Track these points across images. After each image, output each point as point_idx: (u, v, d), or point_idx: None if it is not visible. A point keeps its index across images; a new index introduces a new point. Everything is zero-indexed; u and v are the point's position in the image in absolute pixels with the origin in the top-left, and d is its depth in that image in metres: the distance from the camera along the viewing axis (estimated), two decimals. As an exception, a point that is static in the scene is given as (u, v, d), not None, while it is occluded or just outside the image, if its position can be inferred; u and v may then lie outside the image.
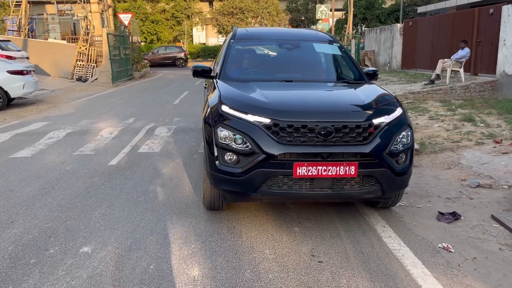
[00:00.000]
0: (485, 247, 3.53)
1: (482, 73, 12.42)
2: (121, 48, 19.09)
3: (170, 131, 7.94)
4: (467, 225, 3.98)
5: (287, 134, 3.38)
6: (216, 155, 3.56)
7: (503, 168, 5.57)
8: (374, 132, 3.48)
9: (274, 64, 4.88)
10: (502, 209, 4.34)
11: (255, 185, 3.43)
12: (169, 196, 4.55)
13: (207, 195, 3.90)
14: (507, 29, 11.07)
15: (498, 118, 8.51)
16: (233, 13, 35.43)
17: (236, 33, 5.08)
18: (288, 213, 4.10)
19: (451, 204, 4.49)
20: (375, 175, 3.46)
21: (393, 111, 3.69)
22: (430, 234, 3.75)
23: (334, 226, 3.83)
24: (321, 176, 3.37)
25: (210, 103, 3.94)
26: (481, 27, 12.43)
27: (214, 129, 3.58)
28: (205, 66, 4.71)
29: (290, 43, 4.97)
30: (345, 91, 4.08)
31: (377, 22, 36.18)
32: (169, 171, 5.45)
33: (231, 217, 3.98)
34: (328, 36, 5.24)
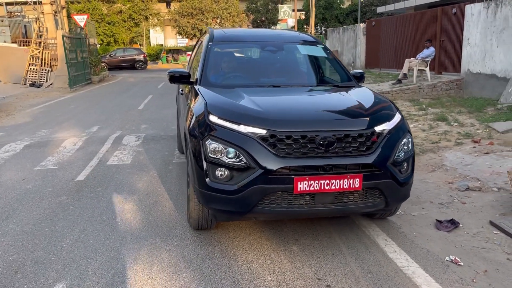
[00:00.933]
0: (492, 258, 3.36)
1: (446, 72, 12.62)
2: (78, 51, 18.16)
3: (139, 139, 7.44)
4: (468, 233, 3.81)
5: (285, 146, 3.07)
6: (206, 171, 3.19)
7: (487, 169, 5.50)
8: (377, 141, 3.23)
9: (258, 67, 4.55)
10: (497, 213, 4.21)
11: (252, 203, 3.10)
12: (149, 215, 4.13)
13: (195, 215, 3.53)
14: (470, 28, 11.27)
15: (470, 117, 8.57)
16: (193, 14, 34.77)
17: (214, 35, 4.71)
18: (282, 229, 3.79)
19: (445, 210, 4.33)
20: (380, 187, 3.21)
21: (393, 117, 3.46)
22: (433, 246, 3.55)
23: (334, 242, 3.56)
24: (323, 190, 3.08)
25: (194, 112, 3.57)
26: (444, 27, 12.63)
27: (202, 141, 3.22)
28: (183, 71, 4.33)
29: (273, 45, 4.66)
30: (341, 96, 3.82)
31: (336, 22, 36.57)
32: (144, 185, 5.01)
33: (221, 237, 3.63)
34: (311, 37, 4.98)
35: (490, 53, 10.63)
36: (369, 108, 3.45)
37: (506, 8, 10.03)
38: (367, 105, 3.51)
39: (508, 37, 10.02)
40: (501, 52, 10.27)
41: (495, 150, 6.24)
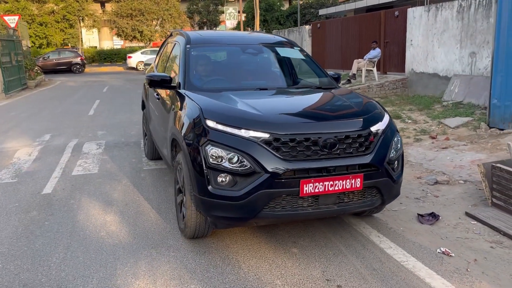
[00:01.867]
0: (477, 247, 3.58)
1: (391, 72, 13.25)
2: (12, 54, 16.96)
3: (101, 147, 7.09)
4: (449, 225, 4.02)
5: (290, 149, 3.07)
6: (207, 178, 3.11)
7: (450, 163, 5.85)
8: (374, 141, 3.32)
9: (240, 70, 4.50)
10: (469, 205, 4.49)
11: (257, 209, 3.06)
12: (135, 226, 3.95)
13: (191, 223, 3.42)
14: (413, 30, 11.92)
15: (421, 114, 9.07)
16: (132, 15, 33.74)
17: (190, 37, 4.60)
18: (277, 232, 3.78)
19: (422, 204, 4.54)
20: (378, 185, 3.31)
21: (383, 116, 3.57)
22: (422, 239, 3.71)
23: (331, 242, 3.61)
24: (327, 192, 3.11)
25: (187, 117, 3.46)
26: (388, 29, 13.25)
27: (202, 148, 3.13)
28: (164, 75, 4.18)
29: (253, 48, 4.63)
30: (332, 98, 3.88)
31: (277, 24, 37.17)
32: (120, 195, 4.78)
33: (218, 245, 3.55)
34: (286, 39, 5.01)
35: (432, 53, 11.30)
36: (362, 109, 3.54)
37: (446, 12, 10.72)
38: (358, 106, 3.60)
39: (449, 39, 10.72)
40: (442, 52, 10.96)
41: (452, 145, 6.65)
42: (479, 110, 8.69)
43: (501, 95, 7.28)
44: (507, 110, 7.20)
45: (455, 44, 10.52)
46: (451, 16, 10.58)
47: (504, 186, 4.13)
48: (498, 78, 7.32)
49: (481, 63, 9.86)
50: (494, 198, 4.27)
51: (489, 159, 5.81)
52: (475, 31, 9.94)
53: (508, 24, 7.01)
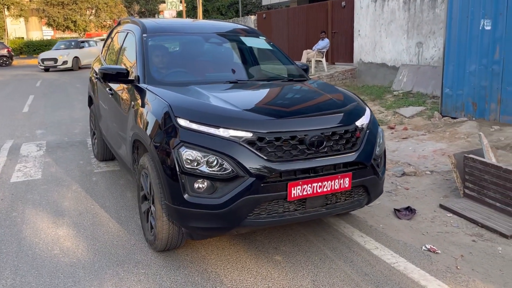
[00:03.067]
0: (460, 241, 3.50)
1: (340, 62, 13.33)
2: None
3: (42, 148, 6.38)
4: (426, 219, 3.94)
5: (275, 149, 2.76)
6: (183, 185, 2.74)
7: (413, 153, 5.84)
8: (360, 136, 3.10)
9: (205, 62, 4.11)
10: (441, 196, 4.45)
11: (241, 217, 2.74)
12: (94, 240, 3.48)
13: (163, 235, 3.03)
14: (360, 20, 12.00)
15: (375, 104, 9.12)
16: (64, 4, 31.62)
17: (146, 26, 4.13)
18: (255, 238, 3.48)
19: (396, 198, 4.44)
20: (365, 184, 3.10)
21: (365, 110, 3.37)
22: (405, 236, 3.58)
23: (315, 246, 3.37)
24: (315, 194, 2.86)
25: (154, 115, 3.05)
26: (335, 19, 13.28)
27: (175, 150, 2.75)
28: (120, 68, 3.71)
29: (217, 37, 4.25)
30: (311, 91, 3.60)
31: (218, 15, 36.58)
32: (71, 204, 4.24)
33: (193, 257, 3.19)
34: (251, 28, 4.68)
35: (380, 44, 11.45)
36: (343, 102, 3.30)
37: (392, 2, 10.86)
38: (339, 99, 3.36)
39: (396, 29, 10.88)
40: (390, 42, 11.12)
41: (412, 135, 6.68)
42: (429, 99, 8.88)
43: (453, 85, 7.44)
44: (459, 99, 7.37)
45: (402, 34, 10.70)
46: (397, 6, 10.73)
47: (477, 177, 4.10)
48: (450, 67, 7.46)
49: (427, 53, 10.09)
50: (467, 189, 4.25)
51: (449, 149, 5.87)
52: (421, 22, 10.14)
53: (459, 15, 7.14)
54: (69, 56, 21.08)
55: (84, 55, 21.64)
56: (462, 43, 7.15)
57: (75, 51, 21.66)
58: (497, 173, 3.90)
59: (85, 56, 21.55)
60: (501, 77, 6.66)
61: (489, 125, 6.69)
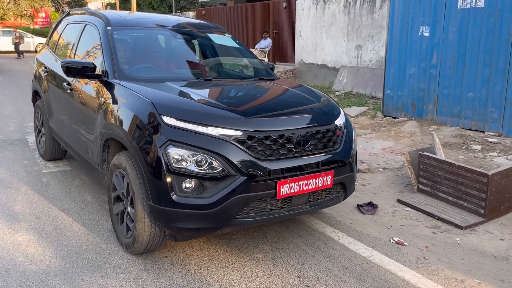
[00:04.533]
0: (421, 233, 3.74)
1: (281, 62, 13.59)
2: None
3: (-24, 148, 5.82)
4: (388, 214, 4.16)
5: (265, 148, 2.77)
6: (171, 185, 2.65)
7: (364, 151, 6.12)
8: (340, 135, 3.20)
9: (172, 58, 3.99)
10: (396, 191, 4.72)
11: (231, 216, 2.72)
12: (60, 245, 3.24)
13: (144, 237, 2.91)
14: (302, 22, 12.32)
15: (319, 104, 9.40)
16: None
17: (109, 19, 3.93)
18: (233, 237, 3.46)
19: (355, 194, 4.62)
20: (344, 181, 3.21)
21: (340, 110, 3.48)
22: (372, 231, 3.75)
23: (292, 242, 3.42)
24: (301, 192, 2.91)
25: (133, 113, 2.92)
26: (276, 19, 13.51)
27: (162, 149, 2.66)
28: (86, 62, 3.50)
29: (185, 33, 4.14)
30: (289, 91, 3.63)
31: (150, 9, 35.57)
32: (25, 207, 3.92)
33: (173, 259, 3.09)
34: (216, 26, 4.62)
35: (320, 45, 11.83)
36: (321, 102, 3.39)
37: (333, 5, 11.27)
38: (316, 99, 3.44)
39: (336, 32, 11.31)
40: (331, 44, 11.54)
41: (359, 134, 6.99)
42: (370, 100, 9.35)
43: (394, 86, 7.90)
44: (399, 100, 7.85)
45: (342, 37, 11.14)
46: (338, 10, 11.16)
47: (431, 173, 4.41)
48: (391, 70, 7.91)
49: (366, 56, 10.61)
50: (421, 184, 4.54)
51: (397, 146, 6.24)
52: (360, 26, 10.64)
53: (400, 22, 7.59)
54: None
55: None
56: (402, 48, 7.61)
57: None
58: (450, 169, 4.21)
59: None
60: (438, 80, 7.20)
61: (427, 124, 7.20)
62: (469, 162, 5.45)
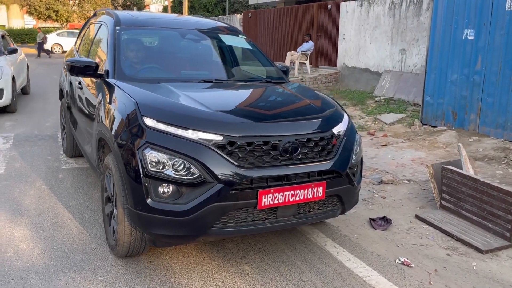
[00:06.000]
0: (434, 255, 3.41)
1: (323, 66, 13.26)
2: None
3: (9, 141, 6.09)
4: (402, 230, 3.84)
5: (246, 154, 2.61)
6: (146, 188, 2.56)
7: (392, 161, 5.76)
8: (336, 144, 2.97)
9: (180, 59, 3.93)
10: (417, 206, 4.37)
11: (207, 225, 2.59)
12: (52, 243, 3.27)
13: (124, 241, 2.85)
14: (346, 24, 11.95)
15: (356, 109, 9.05)
16: (46, -8, 30.90)
17: (120, 18, 3.94)
18: (224, 245, 3.32)
19: (372, 207, 4.34)
20: (339, 193, 2.97)
21: (343, 116, 3.25)
22: (379, 248, 3.47)
23: (285, 256, 3.23)
24: (287, 203, 2.72)
25: (119, 113, 2.87)
26: (320, 22, 13.21)
27: (139, 151, 2.58)
28: (89, 61, 3.52)
29: (194, 33, 4.07)
30: (288, 94, 3.46)
31: (205, 12, 36.28)
32: (33, 202, 4.01)
33: (156, 264, 3.01)
34: (231, 26, 4.52)
35: (364, 48, 11.41)
36: (321, 108, 3.18)
37: (378, 8, 10.83)
38: (316, 104, 3.24)
39: (380, 35, 10.86)
40: (374, 48, 11.09)
41: (391, 142, 6.61)
42: (410, 107, 8.86)
43: (434, 93, 7.41)
44: (439, 107, 7.35)
45: (386, 40, 10.68)
46: (383, 12, 10.71)
47: (454, 189, 4.03)
48: (432, 75, 7.43)
49: (410, 60, 10.09)
50: (443, 200, 4.17)
51: (428, 157, 5.82)
52: (405, 28, 10.13)
53: (443, 24, 7.11)
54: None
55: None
56: (444, 52, 7.12)
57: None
58: (474, 185, 3.83)
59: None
60: (482, 87, 6.66)
61: (468, 135, 6.67)
62: (507, 179, 4.96)
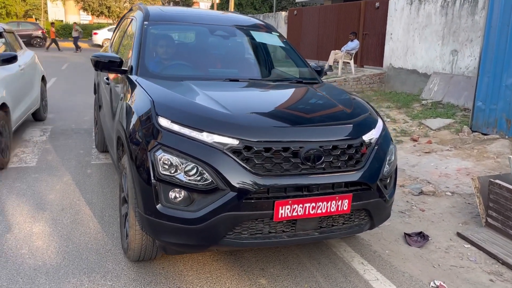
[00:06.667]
0: (475, 279, 3.05)
1: (369, 66, 12.77)
2: (-39, 22, 15.38)
3: (46, 133, 6.21)
4: (440, 249, 3.49)
5: (264, 161, 2.40)
6: (156, 193, 2.41)
7: (435, 170, 5.35)
8: (366, 152, 2.70)
9: (207, 56, 3.78)
10: (459, 222, 3.98)
11: (219, 235, 2.40)
12: (67, 240, 3.20)
13: (136, 245, 2.72)
14: (394, 23, 11.42)
15: (400, 112, 8.59)
16: (101, -11, 31.97)
17: (149, 13, 3.83)
18: (244, 255, 3.13)
19: (408, 220, 4.00)
20: (367, 207, 2.70)
21: (376, 122, 2.95)
22: (412, 268, 3.15)
23: (307, 270, 2.99)
24: (308, 216, 2.48)
25: (135, 112, 2.74)
26: (367, 20, 12.71)
27: (151, 153, 2.43)
28: (113, 56, 3.42)
29: (224, 30, 3.90)
30: (316, 96, 3.22)
31: (252, 9, 36.25)
32: (57, 197, 3.99)
33: (169, 272, 2.86)
34: (264, 22, 4.31)
35: (412, 49, 10.85)
36: (352, 112, 2.90)
37: (429, 6, 10.24)
38: (348, 108, 2.96)
39: (430, 34, 10.27)
40: (423, 48, 10.51)
41: (436, 149, 6.17)
42: (460, 112, 8.29)
43: (486, 98, 6.86)
44: (492, 114, 6.79)
45: (436, 40, 10.08)
46: (434, 10, 10.11)
47: (503, 206, 3.62)
48: (484, 79, 6.88)
49: (462, 62, 9.46)
50: (490, 217, 3.77)
51: (475, 168, 5.36)
52: (458, 28, 9.51)
53: (499, 24, 6.55)
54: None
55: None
56: (500, 54, 6.56)
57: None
58: (526, 204, 3.41)
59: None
60: (541, 93, 6.07)
61: (523, 145, 6.11)
62: None
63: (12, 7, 31.88)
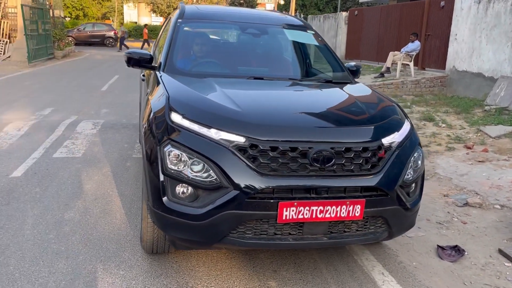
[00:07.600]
0: (510, 301, 2.77)
1: (430, 68, 12.14)
2: (40, 22, 16.74)
3: (97, 127, 6.54)
4: (476, 265, 3.21)
5: (270, 160, 2.34)
6: (163, 186, 2.43)
7: (486, 181, 4.95)
8: (385, 157, 2.54)
9: (236, 53, 3.77)
10: (505, 238, 3.65)
11: (221, 233, 2.37)
12: (93, 229, 3.34)
13: (148, 238, 2.77)
14: (459, 23, 10.75)
15: (458, 118, 8.06)
16: (168, -9, 33.27)
17: (185, 11, 3.90)
18: (258, 255, 3.08)
19: (445, 232, 3.73)
20: (384, 215, 2.54)
21: (402, 125, 2.78)
22: (439, 283, 2.93)
23: (321, 277, 2.88)
24: (315, 219, 2.38)
25: (153, 106, 2.79)
26: (430, 20, 12.10)
27: (161, 147, 2.45)
28: (144, 53, 3.52)
29: (256, 27, 3.88)
30: (338, 96, 3.11)
31: (316, 10, 35.92)
32: (93, 187, 4.18)
33: (181, 266, 2.88)
34: (299, 21, 4.22)
35: (478, 50, 10.15)
36: (374, 114, 2.75)
37: (499, 4, 9.53)
38: (370, 109, 2.81)
39: (499, 35, 9.55)
40: (490, 50, 9.80)
41: (491, 159, 5.71)
42: (526, 119, 7.62)
43: (555, 105, 6.24)
44: (560, 122, 6.17)
45: (506, 41, 9.35)
46: (504, 9, 9.39)
47: (553, 223, 3.27)
48: (553, 84, 6.26)
49: (533, 66, 8.69)
50: (538, 235, 3.42)
51: (534, 181, 4.89)
52: (530, 29, 8.75)
53: None
54: None
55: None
56: None
57: None
58: None
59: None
60: None
61: None
62: None
63: (89, 9, 34.08)
